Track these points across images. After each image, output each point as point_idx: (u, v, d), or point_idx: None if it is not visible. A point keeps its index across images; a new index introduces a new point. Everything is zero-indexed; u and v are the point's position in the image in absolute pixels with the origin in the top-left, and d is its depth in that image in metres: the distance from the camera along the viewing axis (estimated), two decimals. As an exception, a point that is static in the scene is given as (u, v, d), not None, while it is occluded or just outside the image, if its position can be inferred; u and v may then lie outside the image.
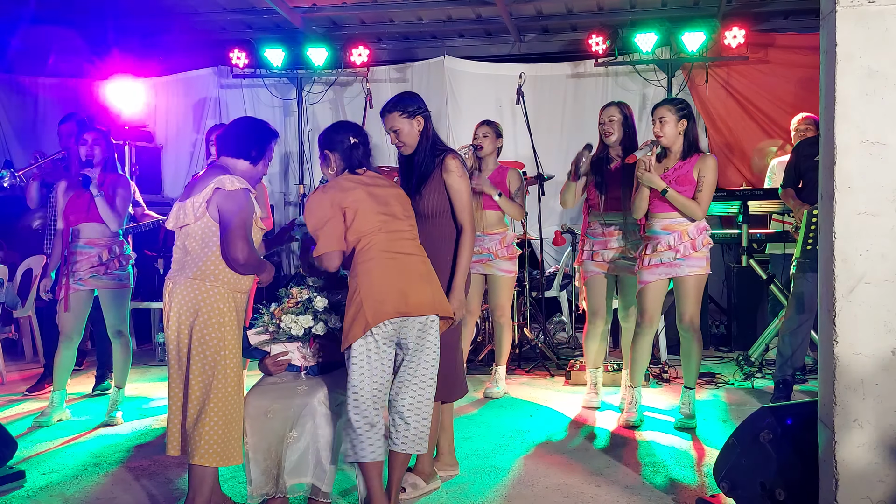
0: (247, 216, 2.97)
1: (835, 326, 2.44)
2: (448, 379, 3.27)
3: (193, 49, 8.86)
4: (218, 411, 2.89)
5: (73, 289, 4.50)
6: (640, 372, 4.40)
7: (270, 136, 3.18)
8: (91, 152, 4.52)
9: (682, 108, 4.20)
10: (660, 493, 3.36)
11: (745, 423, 2.92)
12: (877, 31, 2.41)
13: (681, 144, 4.21)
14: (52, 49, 8.59)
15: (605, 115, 4.54)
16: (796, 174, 4.78)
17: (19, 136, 8.64)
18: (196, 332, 2.90)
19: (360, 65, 7.90)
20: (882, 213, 2.42)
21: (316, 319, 3.13)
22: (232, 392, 2.93)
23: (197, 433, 2.88)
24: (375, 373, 2.91)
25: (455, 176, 3.26)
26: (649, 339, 4.34)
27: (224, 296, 2.95)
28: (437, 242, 3.26)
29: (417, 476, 3.32)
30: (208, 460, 2.88)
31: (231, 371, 2.94)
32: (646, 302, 4.27)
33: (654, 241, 4.22)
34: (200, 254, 2.96)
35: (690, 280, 4.18)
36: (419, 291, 2.95)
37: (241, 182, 2.99)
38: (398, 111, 3.26)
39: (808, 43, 7.14)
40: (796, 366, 4.74)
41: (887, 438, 2.41)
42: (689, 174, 4.16)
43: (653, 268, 4.22)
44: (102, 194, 4.46)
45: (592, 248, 4.62)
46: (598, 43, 7.54)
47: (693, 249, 4.16)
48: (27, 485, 3.56)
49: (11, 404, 5.10)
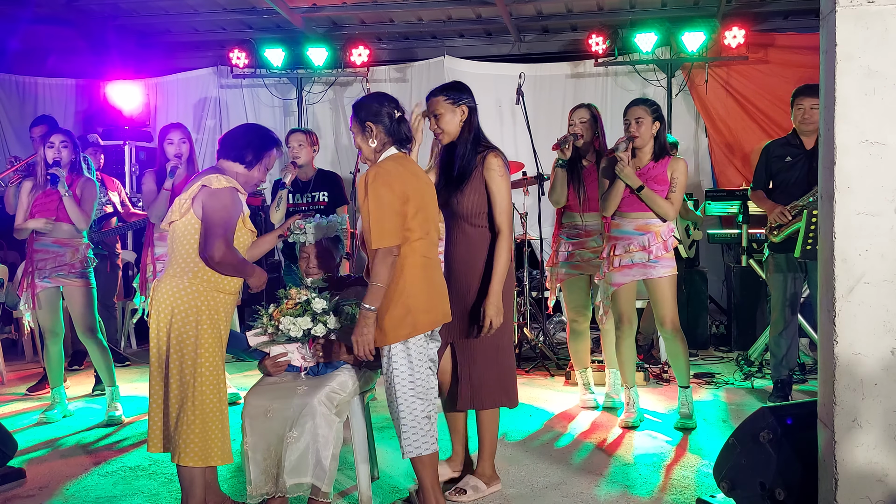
0: (228, 215, 2.94)
1: (834, 326, 2.44)
2: (507, 382, 3.27)
3: (193, 49, 8.87)
4: (195, 411, 2.90)
5: (40, 286, 4.52)
6: (632, 372, 4.38)
7: (270, 143, 3.15)
8: (58, 154, 4.53)
9: (655, 110, 4.21)
10: (659, 493, 3.36)
11: (745, 423, 2.92)
12: (876, 31, 2.41)
13: (652, 146, 4.22)
14: (52, 49, 8.60)
15: (575, 116, 4.55)
16: (767, 175, 4.77)
17: (19, 136, 8.63)
18: (174, 332, 2.91)
19: (360, 65, 7.90)
20: (882, 213, 2.42)
21: (315, 321, 3.12)
22: (209, 392, 2.93)
23: (177, 434, 2.90)
24: (416, 368, 2.94)
25: (496, 175, 3.19)
26: (632, 339, 4.33)
27: (203, 294, 2.94)
28: (474, 244, 3.23)
29: (478, 479, 3.29)
30: (190, 460, 2.89)
31: (208, 370, 2.93)
32: (622, 304, 4.26)
33: (626, 241, 4.20)
34: (181, 251, 2.96)
35: (665, 282, 4.18)
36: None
37: (228, 181, 2.97)
38: (443, 96, 3.23)
39: (808, 43, 7.14)
40: (791, 365, 4.75)
41: (887, 438, 2.41)
42: (663, 174, 4.17)
43: (625, 269, 4.20)
44: (70, 194, 4.47)
45: (569, 250, 4.62)
46: (598, 43, 7.54)
47: (665, 250, 4.17)
48: (27, 484, 3.56)
49: (11, 404, 5.10)
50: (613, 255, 4.24)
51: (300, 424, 2.96)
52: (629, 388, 4.37)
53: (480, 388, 3.24)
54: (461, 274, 3.26)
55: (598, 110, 4.61)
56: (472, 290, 3.23)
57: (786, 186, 4.62)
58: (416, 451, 2.94)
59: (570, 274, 4.62)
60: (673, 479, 3.51)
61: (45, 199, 4.53)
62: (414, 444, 2.94)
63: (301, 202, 4.91)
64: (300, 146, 4.87)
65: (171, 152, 4.59)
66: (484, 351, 3.25)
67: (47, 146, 4.54)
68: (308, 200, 4.91)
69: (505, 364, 3.27)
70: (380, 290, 2.85)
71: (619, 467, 3.68)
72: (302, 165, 4.88)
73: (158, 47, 8.80)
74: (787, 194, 4.59)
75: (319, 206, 4.86)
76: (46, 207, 4.52)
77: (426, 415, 2.94)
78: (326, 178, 5.00)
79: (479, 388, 3.24)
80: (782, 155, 4.66)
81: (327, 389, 3.07)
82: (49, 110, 8.41)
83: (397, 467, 3.71)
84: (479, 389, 3.25)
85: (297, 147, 4.87)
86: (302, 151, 4.86)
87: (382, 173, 2.88)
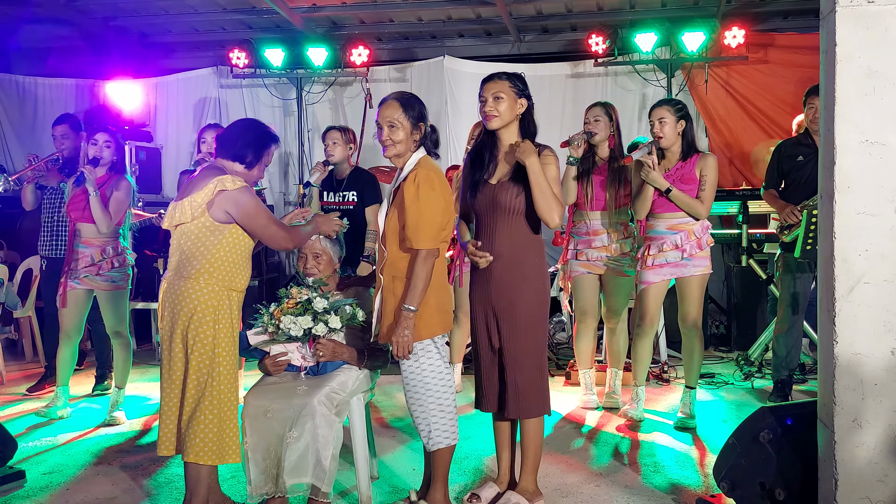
0: (262, 207, 3.02)
1: (834, 326, 2.44)
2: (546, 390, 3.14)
3: (193, 49, 8.87)
4: (213, 409, 2.89)
5: (71, 286, 4.53)
6: (644, 371, 4.41)
7: (269, 140, 3.15)
8: (100, 153, 4.55)
9: (680, 109, 4.22)
10: (660, 493, 3.36)
11: (745, 423, 2.92)
12: (876, 32, 2.41)
13: (679, 145, 4.23)
14: (52, 49, 8.60)
15: (590, 114, 4.55)
16: (778, 175, 4.78)
17: (19, 136, 8.64)
18: (191, 332, 2.90)
19: (359, 65, 7.90)
20: (882, 213, 2.42)
21: (315, 320, 3.12)
22: (226, 390, 2.93)
23: (192, 431, 2.88)
24: (444, 361, 3.03)
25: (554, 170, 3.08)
26: (650, 339, 4.35)
27: (219, 294, 2.94)
28: (520, 242, 3.08)
29: (521, 496, 3.12)
30: (203, 458, 2.88)
31: (225, 369, 2.93)
32: (648, 303, 4.27)
33: (660, 241, 4.23)
34: (195, 253, 2.95)
35: (695, 280, 4.19)
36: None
37: (240, 181, 2.99)
38: (509, 82, 3.08)
39: (808, 43, 7.14)
40: (792, 366, 4.75)
41: (887, 438, 2.41)
42: (691, 173, 4.18)
43: (657, 268, 4.22)
44: (97, 193, 4.47)
45: (577, 248, 4.62)
46: (598, 43, 7.55)
47: (699, 249, 4.18)
48: (27, 485, 3.56)
49: (11, 404, 5.10)
50: (647, 254, 4.26)
51: (300, 424, 2.96)
52: (637, 385, 4.37)
53: (527, 396, 3.05)
54: (506, 277, 3.06)
55: (614, 109, 4.58)
56: (520, 294, 3.05)
57: (797, 186, 4.62)
58: (444, 441, 2.99)
59: (579, 272, 4.62)
60: (673, 480, 3.51)
61: (78, 198, 4.55)
62: (444, 435, 2.99)
63: (332, 201, 4.83)
64: (335, 144, 4.79)
65: (203, 150, 4.62)
66: (532, 356, 3.07)
67: (90, 142, 4.56)
68: (339, 199, 4.82)
69: (545, 370, 3.16)
70: (423, 291, 2.87)
71: (619, 467, 3.68)
72: (336, 164, 4.81)
73: (158, 47, 8.81)
74: (798, 194, 4.59)
75: (349, 206, 4.76)
76: (77, 206, 4.55)
77: (453, 406, 3.02)
78: (360, 177, 4.87)
79: (526, 395, 3.05)
80: (794, 154, 4.66)
81: (327, 389, 3.07)
82: (49, 110, 8.43)
83: (397, 467, 3.71)
84: (526, 397, 3.05)
85: (331, 145, 4.80)
86: (336, 149, 4.79)
87: (435, 176, 2.92)
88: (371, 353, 3.28)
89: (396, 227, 2.96)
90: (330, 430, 2.99)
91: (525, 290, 3.05)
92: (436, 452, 3.01)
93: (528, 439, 3.11)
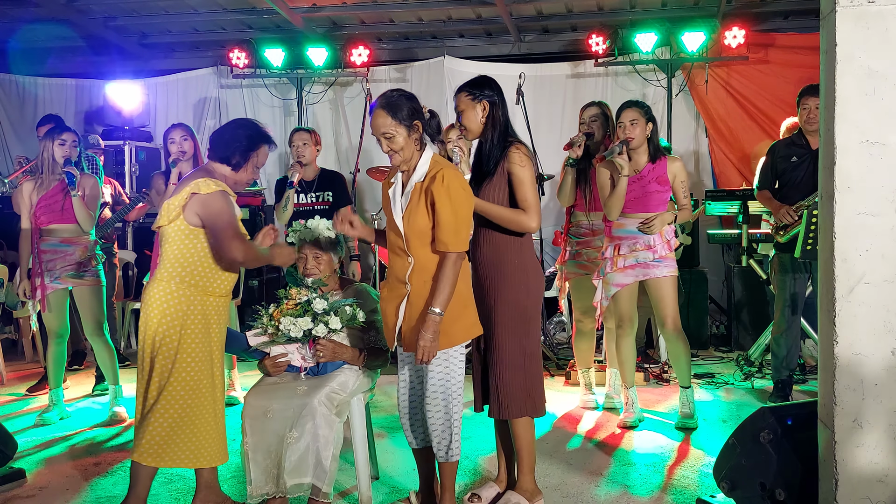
0: (229, 215, 2.94)
1: (835, 326, 2.44)
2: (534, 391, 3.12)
3: (193, 49, 8.87)
4: (164, 413, 2.89)
5: (51, 288, 4.49)
6: (632, 372, 4.37)
7: (259, 141, 3.10)
8: (69, 153, 4.52)
9: (647, 111, 4.21)
10: (659, 493, 3.36)
11: (745, 423, 2.92)
12: (876, 32, 2.41)
13: (646, 147, 4.22)
14: (52, 49, 8.60)
15: (586, 115, 4.54)
16: (773, 175, 4.78)
17: (19, 136, 8.64)
18: (158, 335, 2.91)
19: (360, 65, 7.89)
20: (882, 213, 2.42)
21: (315, 321, 3.12)
22: (186, 396, 2.92)
23: (140, 431, 2.91)
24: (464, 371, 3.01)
25: (516, 167, 3.05)
26: (632, 339, 4.33)
27: (189, 299, 2.94)
28: (499, 245, 3.10)
29: (520, 495, 3.12)
30: (144, 458, 2.90)
31: (188, 375, 2.92)
32: (623, 306, 4.25)
33: (631, 240, 4.20)
34: (170, 256, 2.96)
35: (668, 281, 4.18)
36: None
37: (217, 185, 2.95)
38: (465, 92, 3.10)
39: (808, 43, 7.14)
40: (791, 366, 4.76)
41: (888, 439, 2.41)
42: (664, 175, 4.20)
43: (628, 269, 4.20)
44: (80, 195, 4.46)
45: (575, 249, 4.62)
46: (598, 43, 7.54)
47: (669, 250, 4.19)
48: (27, 484, 3.56)
49: (11, 404, 5.10)
50: (617, 255, 4.22)
51: (300, 425, 2.96)
52: (628, 387, 4.36)
53: (508, 396, 3.06)
54: (488, 278, 3.11)
55: (608, 108, 4.58)
56: (499, 294, 3.08)
57: (791, 186, 4.63)
58: (459, 453, 2.97)
59: (577, 273, 4.62)
60: (673, 480, 3.51)
61: (51, 199, 4.51)
62: (458, 447, 2.96)
63: (306, 202, 4.87)
64: (304, 145, 4.82)
65: (174, 151, 4.55)
66: (512, 356, 3.07)
67: (58, 143, 4.50)
68: (313, 200, 4.87)
69: (533, 371, 3.11)
70: (451, 294, 2.81)
71: (619, 467, 3.68)
72: (307, 164, 4.85)
73: (158, 47, 8.81)
74: (792, 194, 4.60)
75: (324, 206, 4.82)
76: (51, 208, 4.51)
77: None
78: (330, 177, 4.96)
79: (505, 395, 3.06)
80: (788, 155, 4.67)
81: (327, 389, 3.06)
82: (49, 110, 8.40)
83: (397, 467, 3.71)
84: (507, 397, 3.06)
85: (301, 146, 4.82)
86: (306, 150, 4.82)
87: (461, 178, 2.87)
88: (371, 353, 3.28)
89: (422, 230, 2.84)
90: (330, 431, 2.99)
91: (504, 291, 3.06)
92: (449, 463, 2.97)
93: (517, 440, 3.12)
